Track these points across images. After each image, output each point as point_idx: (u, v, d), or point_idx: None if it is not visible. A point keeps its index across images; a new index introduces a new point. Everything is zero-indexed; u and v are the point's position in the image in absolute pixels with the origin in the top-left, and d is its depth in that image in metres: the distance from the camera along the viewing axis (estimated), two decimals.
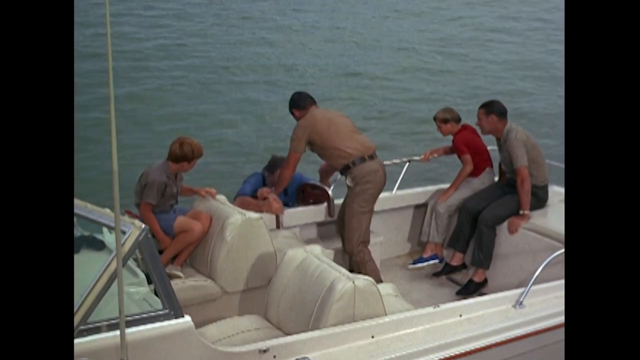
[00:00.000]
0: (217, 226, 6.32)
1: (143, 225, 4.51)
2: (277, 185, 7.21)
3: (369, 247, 7.35)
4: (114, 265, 4.37)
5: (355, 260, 6.95)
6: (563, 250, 5.93)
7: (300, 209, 7.47)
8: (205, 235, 6.42)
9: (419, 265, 7.63)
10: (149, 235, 4.54)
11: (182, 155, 6.40)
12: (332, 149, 6.92)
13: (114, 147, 3.80)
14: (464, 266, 7.57)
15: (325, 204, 7.53)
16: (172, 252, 6.41)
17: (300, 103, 7.20)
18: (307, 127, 6.93)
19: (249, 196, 7.26)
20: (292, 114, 7.25)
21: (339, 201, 7.59)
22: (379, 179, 6.97)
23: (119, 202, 3.89)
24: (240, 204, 6.93)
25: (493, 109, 7.35)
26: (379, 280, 6.72)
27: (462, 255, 7.55)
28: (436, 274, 7.63)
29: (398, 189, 7.95)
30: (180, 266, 6.42)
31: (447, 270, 7.60)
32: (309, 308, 5.20)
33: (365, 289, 5.15)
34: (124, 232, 4.47)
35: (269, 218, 7.10)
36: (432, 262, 7.64)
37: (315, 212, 7.51)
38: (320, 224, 7.60)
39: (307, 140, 6.94)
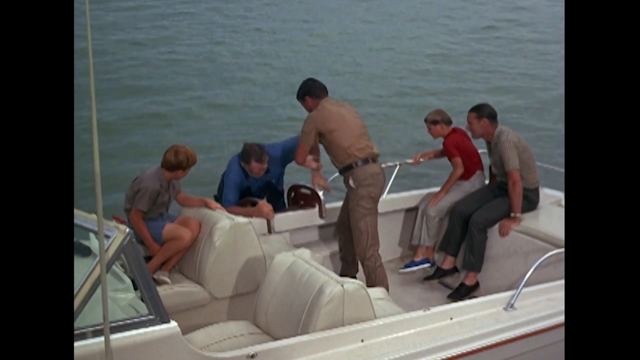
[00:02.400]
0: (206, 231, 6.26)
1: (128, 230, 4.45)
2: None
3: None
4: (98, 271, 4.31)
5: (367, 265, 6.89)
6: (554, 252, 5.96)
7: (291, 213, 7.42)
8: (194, 241, 6.36)
9: (411, 269, 7.57)
10: (134, 240, 4.48)
11: (177, 163, 6.33)
12: (339, 147, 6.84)
13: (95, 149, 3.75)
14: (455, 270, 7.52)
15: (317, 207, 7.48)
16: (160, 259, 6.35)
17: (315, 91, 7.04)
18: (318, 121, 6.83)
19: (235, 204, 7.18)
20: (303, 100, 7.11)
21: (330, 205, 7.55)
22: (381, 182, 6.95)
23: (101, 206, 3.83)
24: (232, 210, 6.89)
25: (484, 113, 7.31)
26: (386, 288, 6.71)
27: (454, 259, 7.49)
28: (428, 278, 7.57)
29: (388, 192, 7.90)
30: (168, 272, 6.35)
31: (439, 274, 7.54)
32: (298, 312, 5.14)
33: (355, 293, 5.09)
34: (108, 237, 4.42)
35: (260, 223, 7.04)
36: (423, 266, 7.58)
37: (306, 217, 7.46)
38: (311, 228, 7.55)
39: (316, 133, 6.85)
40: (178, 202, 6.67)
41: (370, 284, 6.78)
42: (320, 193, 7.50)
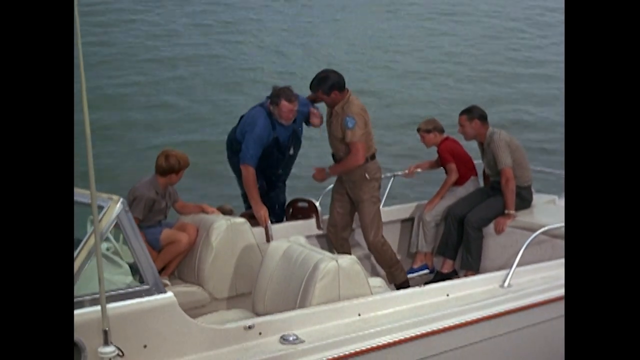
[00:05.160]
0: (203, 233, 6.33)
1: (121, 199, 4.53)
2: (336, 168, 7.03)
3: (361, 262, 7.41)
4: (93, 240, 4.36)
5: (384, 249, 7.09)
6: (550, 226, 6.04)
7: (288, 223, 7.48)
8: (192, 245, 6.42)
9: (410, 276, 7.57)
10: (127, 209, 4.56)
11: (169, 167, 6.42)
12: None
13: (85, 111, 3.83)
14: (454, 273, 7.53)
15: (314, 218, 7.54)
16: (159, 264, 6.36)
17: (343, 85, 6.83)
18: (365, 115, 6.85)
19: (256, 159, 7.00)
20: (328, 95, 6.83)
21: (327, 217, 7.61)
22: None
23: (93, 170, 3.93)
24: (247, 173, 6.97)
25: (475, 114, 7.43)
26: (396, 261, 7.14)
27: (452, 262, 7.52)
28: (427, 283, 7.53)
29: (383, 205, 7.93)
30: (167, 277, 6.40)
31: (438, 278, 7.49)
32: (294, 291, 5.20)
33: (349, 268, 5.16)
34: (101, 208, 4.49)
35: (259, 232, 7.07)
36: (422, 272, 7.60)
37: (303, 226, 7.50)
38: (308, 238, 7.56)
39: None
40: (176, 210, 6.74)
41: (392, 263, 7.16)
42: (317, 204, 7.57)
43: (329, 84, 6.81)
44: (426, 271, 7.63)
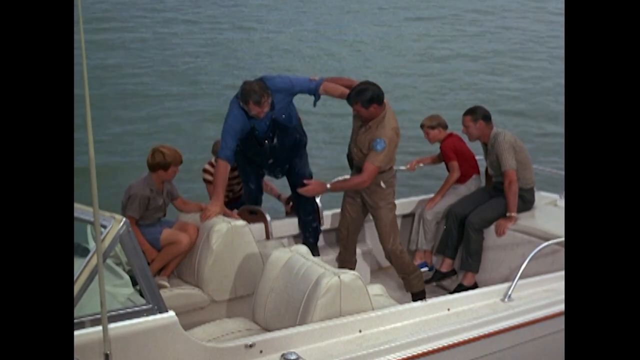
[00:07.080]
0: (203, 235, 6.30)
1: (124, 219, 4.49)
2: (337, 185, 6.87)
3: (358, 256, 7.38)
4: (95, 259, 4.33)
5: (401, 256, 6.98)
6: (550, 242, 6.01)
7: (289, 219, 7.45)
8: (192, 246, 6.40)
9: None
10: (130, 229, 4.52)
11: (155, 164, 6.33)
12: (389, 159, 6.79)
13: (89, 132, 3.78)
14: (453, 272, 7.53)
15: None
16: (159, 264, 6.37)
17: (382, 98, 6.56)
18: (397, 139, 6.69)
19: (232, 151, 6.73)
20: (366, 109, 6.56)
21: (328, 212, 7.57)
22: None
23: (97, 195, 3.87)
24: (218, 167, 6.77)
25: (479, 114, 7.36)
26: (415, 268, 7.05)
27: (452, 261, 7.51)
28: (426, 282, 7.54)
29: None
30: (167, 277, 6.38)
31: (437, 277, 7.56)
32: (295, 305, 5.17)
33: (351, 284, 5.13)
34: (104, 227, 4.45)
35: (259, 229, 7.06)
36: (421, 270, 7.59)
37: None
38: None
39: None
40: (176, 207, 6.70)
41: (409, 270, 7.06)
42: (318, 200, 7.53)
43: (367, 97, 6.50)
44: (425, 269, 7.61)
